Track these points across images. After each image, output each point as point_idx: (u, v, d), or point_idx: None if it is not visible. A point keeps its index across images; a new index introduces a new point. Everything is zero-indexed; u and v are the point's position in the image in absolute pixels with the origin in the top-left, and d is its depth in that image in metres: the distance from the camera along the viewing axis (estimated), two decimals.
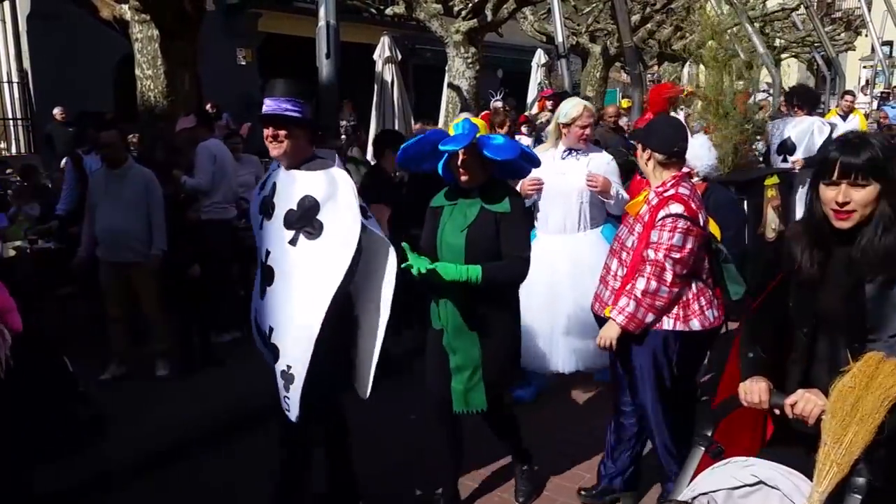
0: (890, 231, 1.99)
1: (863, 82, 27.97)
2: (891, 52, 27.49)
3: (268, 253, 3.07)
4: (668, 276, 3.05)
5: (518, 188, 4.18)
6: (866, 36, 23.89)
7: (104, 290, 5.26)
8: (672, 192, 3.11)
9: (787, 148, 7.27)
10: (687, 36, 19.57)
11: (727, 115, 6.64)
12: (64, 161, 7.50)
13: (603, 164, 4.39)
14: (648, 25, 15.44)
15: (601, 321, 3.29)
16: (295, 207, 2.96)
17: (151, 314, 5.25)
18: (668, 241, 3.04)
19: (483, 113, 8.24)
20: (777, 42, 26.31)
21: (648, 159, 3.19)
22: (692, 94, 8.96)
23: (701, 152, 4.16)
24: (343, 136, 10.38)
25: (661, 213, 3.07)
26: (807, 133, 7.17)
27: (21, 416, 3.47)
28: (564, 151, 4.40)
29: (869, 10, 21.59)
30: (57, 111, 11.59)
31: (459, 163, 3.13)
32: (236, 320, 5.70)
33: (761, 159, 7.66)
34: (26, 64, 13.21)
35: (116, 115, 9.23)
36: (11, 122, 13.45)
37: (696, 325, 3.12)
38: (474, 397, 3.22)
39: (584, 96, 14.98)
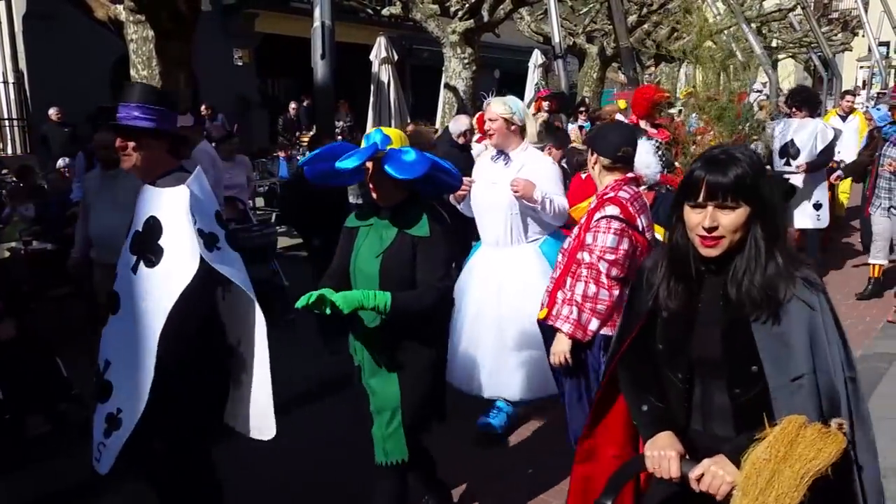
0: (767, 260, 1.74)
1: (860, 83, 27.98)
2: (888, 52, 27.53)
3: (115, 276, 2.81)
4: (605, 279, 3.00)
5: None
6: (863, 36, 23.95)
7: (99, 292, 5.24)
8: (611, 195, 3.08)
9: (789, 152, 7.15)
10: (684, 37, 19.59)
11: (720, 117, 6.58)
12: (77, 157, 7.46)
13: (539, 168, 3.99)
14: (645, 26, 15.43)
15: (546, 332, 3.22)
16: (141, 229, 2.67)
17: None
18: (601, 243, 3.00)
19: (479, 114, 8.23)
20: (774, 43, 26.37)
21: (595, 163, 3.18)
22: (690, 94, 8.97)
23: (647, 159, 4.05)
24: (339, 137, 10.34)
25: (597, 216, 3.05)
26: (811, 137, 7.09)
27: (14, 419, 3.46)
28: (495, 155, 4.10)
29: (866, 10, 21.61)
30: (52, 112, 11.56)
31: (368, 179, 2.82)
32: None
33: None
34: (22, 64, 13.18)
35: None
36: (7, 122, 13.41)
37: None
38: (393, 446, 2.84)
39: (581, 97, 15.00)
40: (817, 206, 7.20)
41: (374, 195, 2.86)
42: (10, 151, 13.41)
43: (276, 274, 6.51)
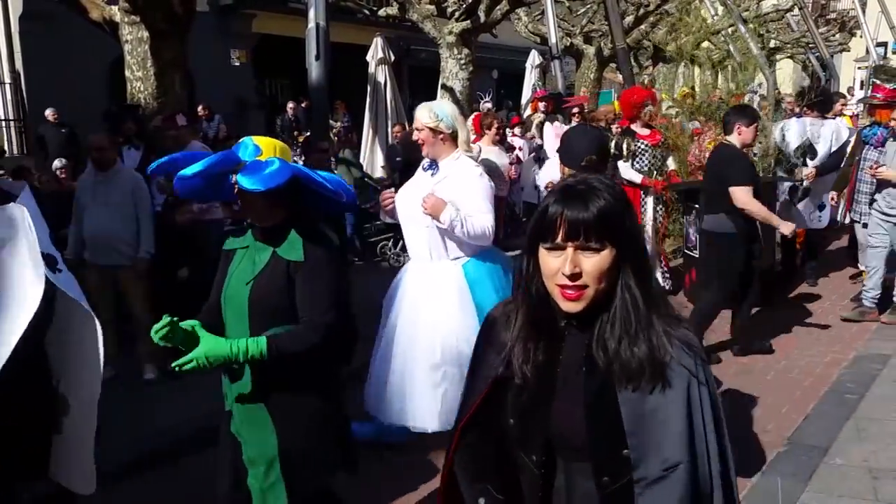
0: (640, 317, 1.41)
1: (857, 83, 28.01)
2: (885, 53, 27.54)
3: None
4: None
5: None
6: (861, 37, 23.94)
7: (91, 294, 5.24)
8: None
9: (806, 152, 7.14)
10: (682, 37, 19.59)
11: (713, 117, 6.59)
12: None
13: (461, 182, 3.51)
14: (643, 27, 15.44)
15: None
16: None
17: (139, 317, 5.23)
18: None
19: (474, 115, 8.23)
20: (772, 43, 26.37)
21: (563, 174, 3.07)
22: (688, 95, 8.96)
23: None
24: (335, 138, 10.34)
25: None
26: (829, 137, 7.03)
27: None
28: (426, 164, 3.71)
29: (863, 11, 21.62)
30: (49, 112, 11.55)
31: (236, 192, 2.44)
32: None
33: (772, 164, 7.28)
34: (18, 65, 13.16)
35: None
36: (4, 123, 13.39)
37: None
38: (275, 498, 2.49)
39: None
40: (821, 208, 7.05)
41: (245, 213, 2.52)
42: (6, 152, 13.39)
43: None
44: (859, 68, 31.01)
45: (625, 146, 6.66)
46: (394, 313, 3.76)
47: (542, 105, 8.46)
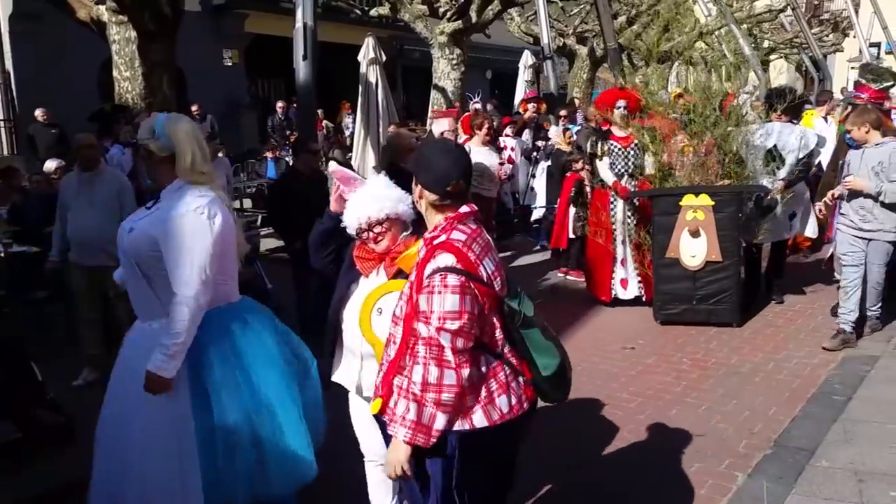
0: None
1: (850, 84, 28.06)
2: (878, 53, 27.60)
3: None
4: (450, 356, 2.21)
5: None
6: (854, 37, 23.98)
7: (77, 295, 5.21)
8: (442, 238, 2.30)
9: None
10: (675, 37, 19.60)
11: (707, 118, 6.37)
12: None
13: (165, 221, 2.74)
14: (634, 27, 15.45)
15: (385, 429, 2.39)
16: None
17: (124, 319, 5.18)
18: (439, 308, 2.20)
19: (465, 115, 8.21)
20: (766, 44, 26.41)
21: (420, 198, 2.41)
22: (681, 96, 8.90)
23: (383, 192, 2.85)
24: (325, 139, 10.30)
25: (428, 269, 2.25)
26: (796, 144, 6.30)
27: None
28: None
29: (856, 11, 21.67)
30: (39, 112, 11.48)
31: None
32: None
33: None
34: (8, 65, 13.10)
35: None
36: None
37: (479, 419, 2.29)
38: None
39: (570, 97, 14.99)
40: (791, 216, 6.57)
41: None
42: None
43: (258, 276, 6.47)
44: (852, 69, 31.06)
45: (599, 147, 6.54)
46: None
47: (530, 106, 8.43)
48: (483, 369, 2.33)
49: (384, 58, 11.03)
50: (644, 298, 6.58)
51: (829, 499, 3.42)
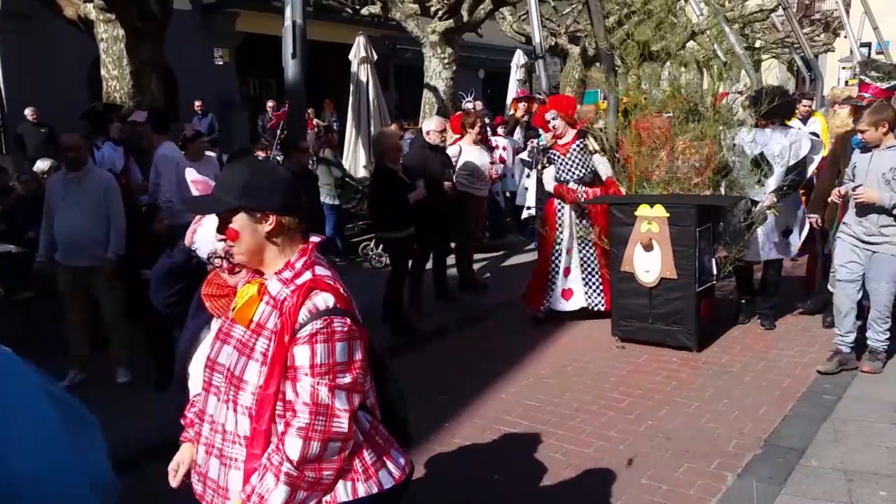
0: None
1: (842, 83, 28.17)
2: (869, 53, 27.70)
3: None
4: (343, 422, 1.81)
5: None
6: (845, 37, 24.07)
7: (63, 295, 5.16)
8: (308, 275, 1.90)
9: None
10: (667, 36, 19.61)
11: (697, 119, 6.01)
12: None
13: None
14: (626, 26, 15.45)
15: None
16: None
17: (111, 320, 5.15)
18: (328, 360, 1.80)
19: (455, 114, 8.18)
20: (757, 43, 26.50)
21: (268, 228, 1.90)
22: (673, 96, 8.85)
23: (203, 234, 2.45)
24: (316, 138, 10.26)
25: (303, 315, 1.82)
26: (784, 151, 5.70)
27: None
28: None
29: (847, 12, 21.75)
30: (28, 112, 11.40)
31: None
32: None
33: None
34: None
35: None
36: None
37: (366, 488, 1.90)
38: None
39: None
40: (786, 233, 5.95)
41: None
42: None
43: None
44: (843, 68, 31.19)
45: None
46: None
47: (521, 105, 8.40)
48: (366, 426, 1.94)
49: (375, 57, 11.01)
50: (604, 308, 6.18)
51: (819, 499, 3.41)
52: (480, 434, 4.32)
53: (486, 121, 8.78)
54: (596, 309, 6.26)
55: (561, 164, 6.25)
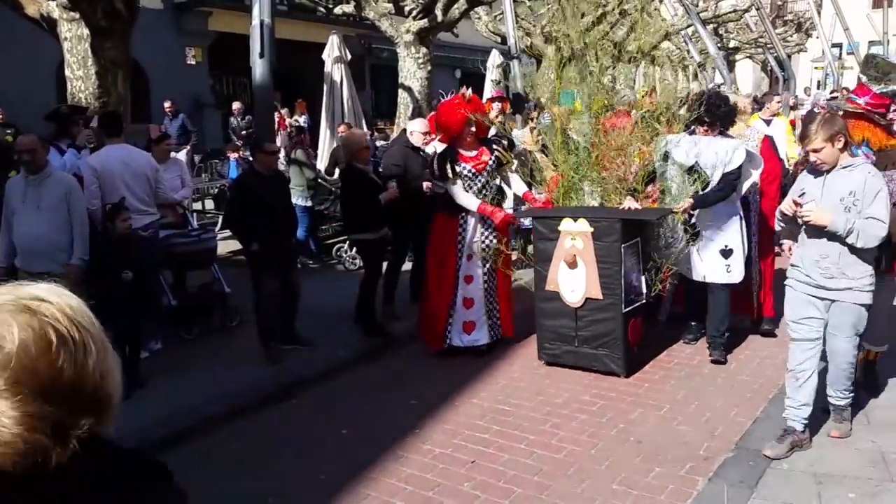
0: None
1: (814, 84, 28.53)
2: (840, 54, 28.09)
3: None
4: None
5: None
6: (817, 38, 24.36)
7: None
8: None
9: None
10: (642, 37, 19.71)
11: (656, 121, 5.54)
12: None
13: None
14: (601, 26, 15.48)
15: None
16: None
17: None
18: None
19: (430, 114, 8.11)
20: (731, 43, 26.76)
21: None
22: (647, 95, 8.86)
23: None
24: (288, 138, 10.14)
25: None
26: (718, 161, 5.08)
27: None
28: None
29: (818, 13, 22.00)
30: None
31: None
32: (156, 331, 5.65)
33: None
34: None
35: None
36: None
37: None
38: None
39: (536, 98, 14.93)
40: (725, 253, 5.20)
41: None
42: None
43: (216, 280, 6.32)
44: (816, 69, 31.60)
45: (449, 169, 5.36)
46: None
47: (494, 105, 8.35)
48: None
49: (349, 56, 10.91)
50: (500, 336, 5.60)
51: (788, 502, 3.40)
52: (451, 439, 4.26)
53: None
54: (497, 338, 5.61)
55: (472, 180, 5.41)
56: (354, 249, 7.99)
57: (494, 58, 14.11)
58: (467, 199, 5.40)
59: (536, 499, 3.58)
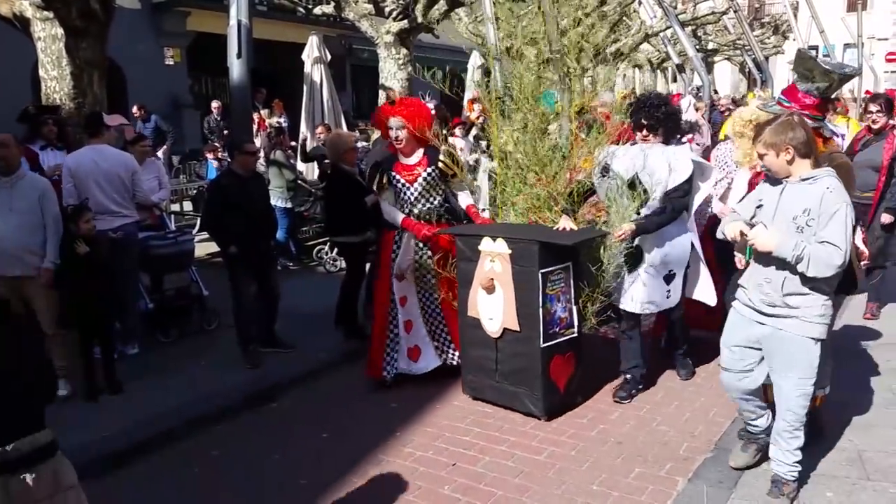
0: None
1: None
2: (816, 56, 28.39)
3: None
4: None
5: None
6: (794, 40, 24.63)
7: None
8: None
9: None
10: (621, 39, 19.84)
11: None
12: None
13: None
14: (579, 28, 15.55)
15: None
16: None
17: (48, 331, 4.93)
18: None
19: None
20: (710, 45, 26.99)
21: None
22: (627, 97, 8.89)
23: None
24: (267, 139, 10.07)
25: None
26: (663, 173, 4.50)
27: None
28: None
29: (795, 15, 22.26)
30: None
31: None
32: (133, 334, 5.60)
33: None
34: None
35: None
36: None
37: None
38: None
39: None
40: (668, 279, 4.61)
41: None
42: None
43: (193, 283, 6.25)
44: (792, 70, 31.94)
45: (378, 179, 5.00)
46: None
47: (476, 106, 8.34)
48: None
49: (329, 56, 10.88)
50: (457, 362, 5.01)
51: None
52: (432, 442, 4.24)
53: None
54: (452, 364, 5.05)
55: (404, 192, 4.95)
56: (335, 251, 7.96)
57: (476, 59, 14.13)
58: (392, 213, 4.97)
59: (517, 501, 3.58)
